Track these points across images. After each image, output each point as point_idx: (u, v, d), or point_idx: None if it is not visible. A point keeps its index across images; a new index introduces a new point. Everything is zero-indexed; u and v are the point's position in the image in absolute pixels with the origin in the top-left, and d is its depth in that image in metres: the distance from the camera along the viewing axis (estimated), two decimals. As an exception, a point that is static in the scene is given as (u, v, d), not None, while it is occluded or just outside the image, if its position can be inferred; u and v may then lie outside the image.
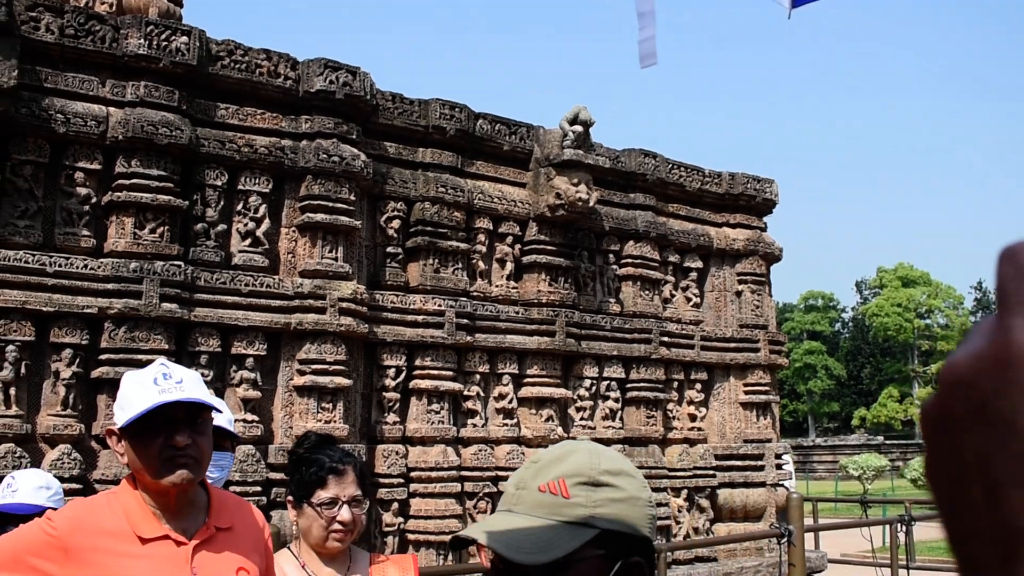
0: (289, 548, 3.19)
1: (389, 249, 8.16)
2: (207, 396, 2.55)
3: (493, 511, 8.26)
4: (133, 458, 2.51)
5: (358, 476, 3.20)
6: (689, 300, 10.25)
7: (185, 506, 2.59)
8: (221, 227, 7.25)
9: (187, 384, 2.50)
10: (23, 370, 6.44)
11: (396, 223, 8.17)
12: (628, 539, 1.57)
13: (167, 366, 2.54)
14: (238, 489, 6.55)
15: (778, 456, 10.50)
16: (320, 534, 3.09)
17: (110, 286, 6.62)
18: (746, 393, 10.27)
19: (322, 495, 3.09)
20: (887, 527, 10.77)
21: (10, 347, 6.37)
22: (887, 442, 54.31)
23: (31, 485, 3.86)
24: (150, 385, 2.47)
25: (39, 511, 3.48)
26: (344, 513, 3.10)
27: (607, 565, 1.55)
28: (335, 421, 7.26)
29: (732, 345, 10.26)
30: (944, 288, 78.12)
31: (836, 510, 22.34)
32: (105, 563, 2.44)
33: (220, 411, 2.60)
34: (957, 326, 76.98)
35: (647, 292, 9.72)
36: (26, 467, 6.27)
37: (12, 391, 6.40)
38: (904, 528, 10.81)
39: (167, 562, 2.49)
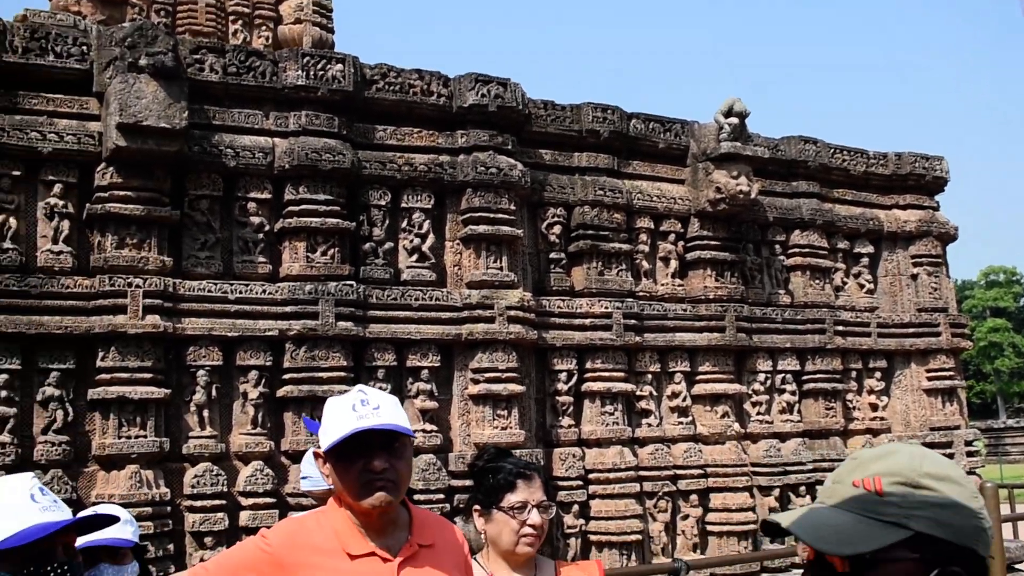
0: (476, 559, 3.24)
1: (552, 255, 8.23)
2: (403, 421, 2.61)
3: (673, 510, 8.25)
4: (336, 480, 2.62)
5: (543, 482, 3.23)
6: (862, 287, 9.96)
7: (388, 524, 2.67)
8: (388, 245, 7.45)
9: (384, 410, 2.57)
10: (214, 393, 6.77)
11: (557, 229, 8.22)
12: (948, 547, 1.52)
13: (365, 392, 2.62)
14: (421, 498, 6.72)
15: (968, 443, 10.09)
16: (511, 539, 3.12)
17: (288, 309, 6.89)
18: (929, 379, 9.91)
19: (512, 499, 3.11)
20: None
21: (201, 372, 6.70)
22: (1085, 422, 51.35)
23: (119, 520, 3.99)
24: (348, 412, 2.56)
25: (129, 545, 3.71)
26: (534, 516, 3.12)
27: (922, 570, 1.51)
28: (511, 427, 7.36)
29: (911, 331, 9.91)
30: None
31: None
32: None
33: (412, 435, 2.65)
34: None
35: (817, 281, 9.50)
36: (223, 485, 6.58)
37: (205, 413, 6.73)
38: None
39: None
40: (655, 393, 8.50)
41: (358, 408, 2.57)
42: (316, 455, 2.67)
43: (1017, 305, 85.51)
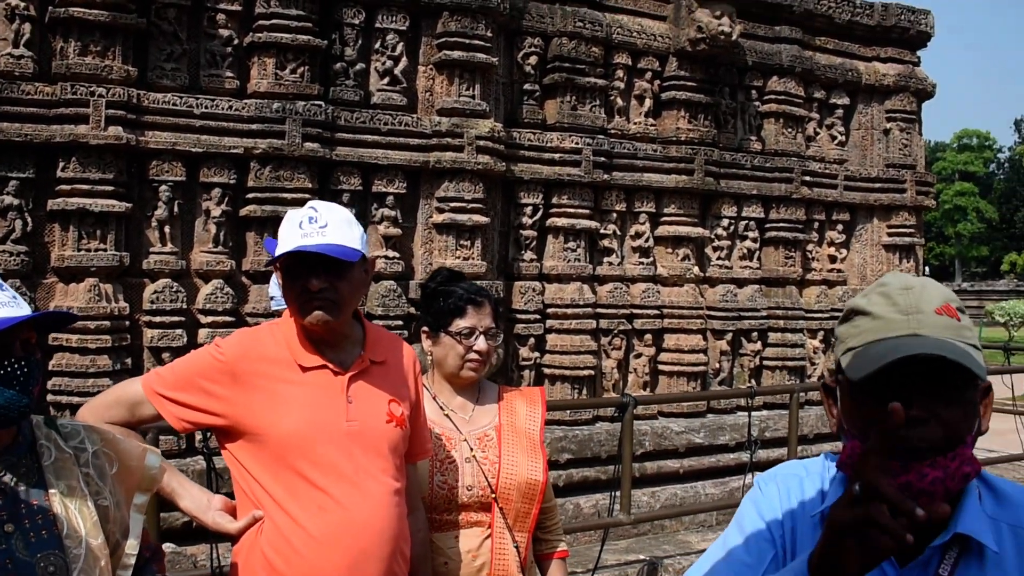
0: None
1: (526, 86, 8.10)
2: (351, 241, 2.60)
3: (627, 348, 8.40)
4: (285, 293, 2.64)
5: (493, 309, 3.26)
6: (834, 138, 9.93)
7: (340, 339, 2.70)
8: (359, 66, 7.29)
9: (331, 229, 2.56)
10: (176, 209, 6.70)
11: (533, 60, 8.07)
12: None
13: (316, 209, 2.61)
14: (380, 323, 6.79)
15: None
16: (456, 363, 3.17)
17: (254, 126, 6.77)
18: (889, 235, 10.00)
19: (460, 324, 3.15)
20: (1034, 373, 10.49)
21: (163, 187, 6.62)
22: (1039, 288, 52.35)
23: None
24: (295, 229, 2.57)
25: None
26: (481, 343, 3.17)
27: (976, 387, 1.59)
28: (473, 258, 7.39)
29: (877, 185, 9.95)
30: (1112, 127, 73.63)
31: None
32: (269, 388, 2.60)
33: (357, 255, 2.63)
34: (1124, 167, 72.84)
35: (790, 130, 9.45)
36: (182, 302, 6.61)
37: (167, 229, 6.68)
38: (1052, 374, 10.52)
39: (325, 390, 2.63)
40: (619, 232, 8.53)
41: (304, 226, 2.57)
42: (273, 264, 2.69)
43: (986, 170, 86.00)
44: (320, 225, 2.57)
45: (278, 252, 2.58)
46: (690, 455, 8.35)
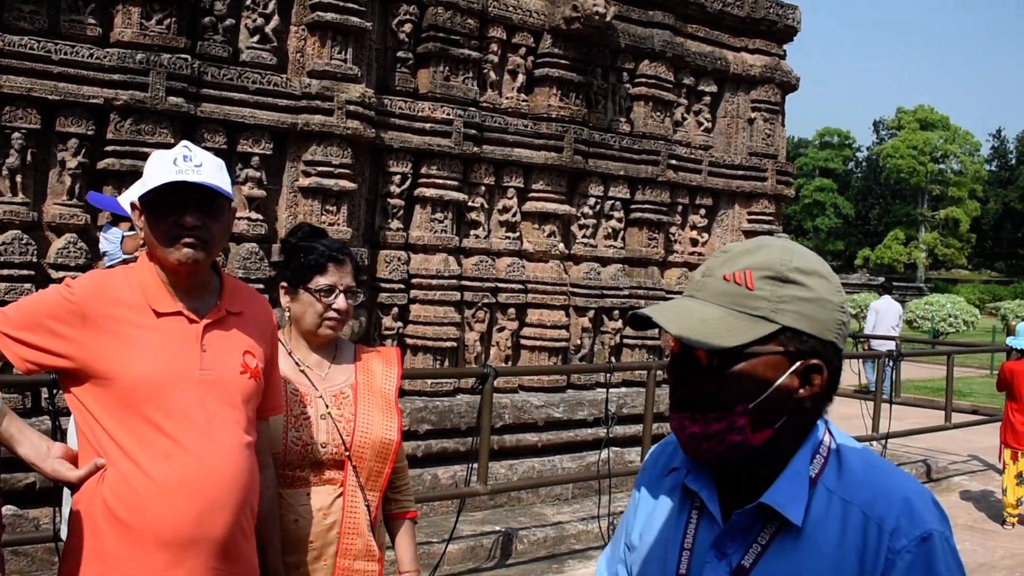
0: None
1: (400, 54, 8.04)
2: (224, 184, 2.58)
3: (490, 322, 8.44)
4: (148, 233, 2.57)
5: (355, 268, 3.24)
6: (700, 125, 10.14)
7: (198, 287, 2.65)
8: (229, 22, 7.11)
9: (206, 169, 2.53)
10: (29, 158, 6.43)
11: (408, 27, 8.01)
12: (812, 341, 1.55)
13: (190, 148, 2.57)
14: (241, 284, 6.65)
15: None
16: (314, 321, 3.13)
17: (116, 77, 6.55)
18: (749, 221, 10.28)
19: (320, 281, 3.11)
20: (875, 362, 10.94)
21: (16, 134, 6.35)
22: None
23: None
24: (169, 164, 2.51)
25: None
26: (340, 301, 3.14)
27: (786, 363, 1.55)
28: (339, 224, 7.30)
29: (740, 173, 10.21)
30: (962, 133, 77.20)
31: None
32: (120, 331, 2.52)
33: (231, 197, 2.62)
34: (971, 173, 76.45)
35: (658, 113, 9.61)
36: (32, 255, 6.36)
37: (18, 179, 6.41)
38: (892, 364, 10.99)
39: (179, 336, 2.57)
40: (487, 206, 8.55)
41: (179, 163, 2.53)
42: (132, 206, 2.62)
43: (845, 168, 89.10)
44: (196, 163, 2.52)
45: (150, 186, 2.50)
46: (549, 429, 8.46)
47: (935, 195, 76.23)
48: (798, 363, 1.54)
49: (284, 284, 3.20)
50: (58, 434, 5.05)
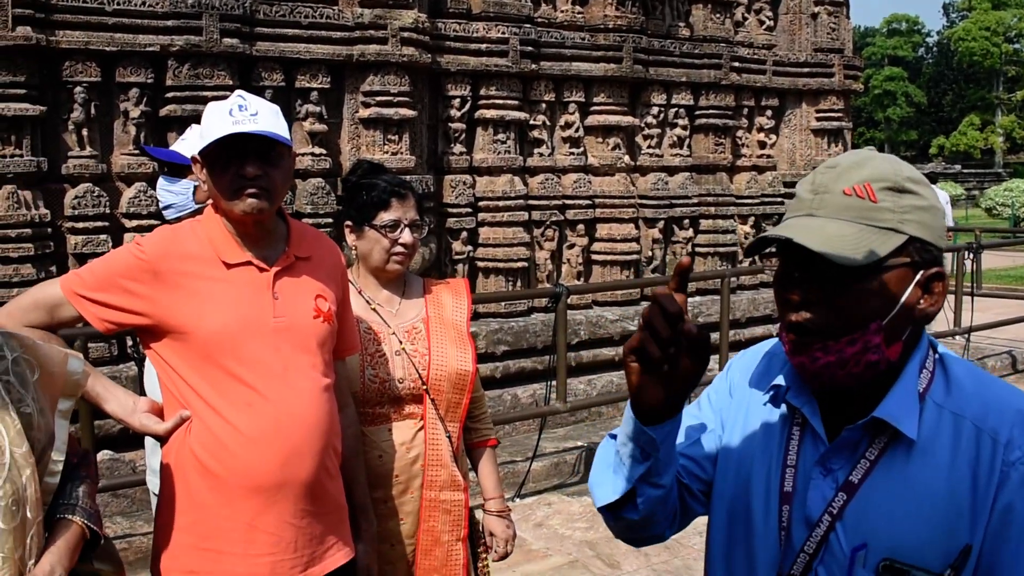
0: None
1: (450, -25, 7.92)
2: (281, 130, 2.56)
3: (560, 239, 8.42)
4: (211, 185, 2.58)
5: (418, 201, 3.23)
6: (762, 23, 9.88)
7: (265, 235, 2.66)
8: (278, -43, 7.07)
9: (262, 117, 2.52)
10: (93, 111, 6.49)
11: (456, -52, 7.89)
12: (931, 248, 1.55)
13: (244, 98, 2.55)
14: (310, 221, 6.71)
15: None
16: (381, 256, 3.14)
17: (170, 23, 6.55)
18: (818, 120, 10.06)
19: (385, 217, 3.11)
20: (956, 254, 10.73)
21: (78, 88, 6.41)
22: (964, 171, 53.36)
23: None
24: (225, 116, 2.50)
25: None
26: (406, 235, 3.13)
27: (911, 274, 1.54)
28: (402, 152, 7.30)
29: (805, 70, 9.96)
30: (1037, 9, 74.37)
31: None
32: (192, 286, 2.55)
33: (289, 144, 2.61)
34: (1048, 50, 73.76)
35: (718, 15, 9.38)
36: (105, 206, 6.46)
37: (84, 132, 6.48)
38: (972, 255, 10.76)
39: (250, 286, 2.59)
40: (548, 123, 8.46)
41: (235, 113, 2.52)
42: (193, 160, 2.63)
43: (915, 55, 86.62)
44: (251, 113, 2.51)
45: (209, 140, 2.51)
46: (625, 341, 8.44)
47: (1011, 76, 73.84)
48: (921, 272, 1.54)
49: (349, 223, 3.20)
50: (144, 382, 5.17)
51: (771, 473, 1.66)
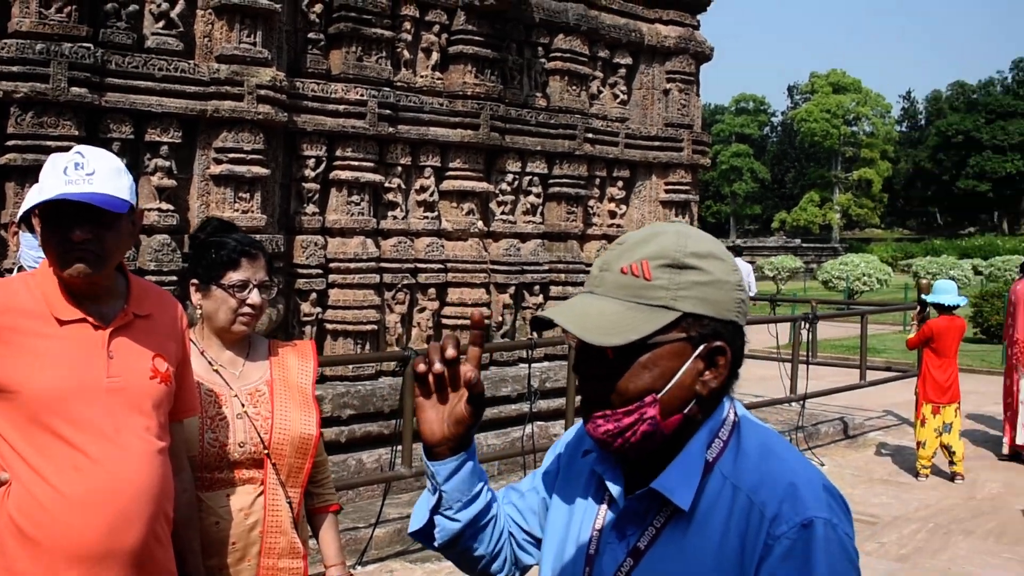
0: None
1: (310, 35, 7.91)
2: (120, 191, 2.48)
3: (411, 303, 8.41)
4: (45, 244, 2.49)
5: (267, 262, 3.19)
6: (616, 97, 10.17)
7: (101, 292, 2.57)
8: (133, 7, 6.93)
9: (98, 177, 2.44)
10: (-71, 156, 6.22)
11: (318, 7, 7.89)
12: (713, 323, 1.56)
13: (83, 155, 2.47)
14: (154, 278, 6.54)
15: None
16: (227, 317, 3.08)
17: (15, 68, 6.34)
18: (667, 192, 10.36)
19: (233, 277, 3.06)
20: (793, 324, 11.15)
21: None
22: (804, 245, 55.69)
23: None
24: (59, 175, 2.43)
25: None
26: (254, 296, 3.09)
27: (689, 349, 1.55)
28: (253, 211, 7.20)
29: (656, 144, 10.27)
30: (873, 96, 78.76)
31: (750, 308, 22.95)
32: (22, 342, 2.44)
33: (125, 207, 2.52)
34: (882, 134, 78.00)
35: (574, 87, 9.61)
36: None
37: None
38: (808, 325, 11.19)
39: (83, 344, 2.50)
40: (403, 186, 8.48)
41: (70, 172, 2.44)
42: (32, 213, 2.54)
43: (761, 133, 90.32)
44: (87, 172, 2.43)
45: (38, 199, 2.43)
46: (474, 408, 8.44)
47: (848, 157, 77.76)
48: (702, 347, 1.56)
49: (195, 281, 3.14)
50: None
51: (581, 536, 1.71)
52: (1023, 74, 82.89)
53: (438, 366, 1.62)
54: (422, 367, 1.63)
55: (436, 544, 1.80)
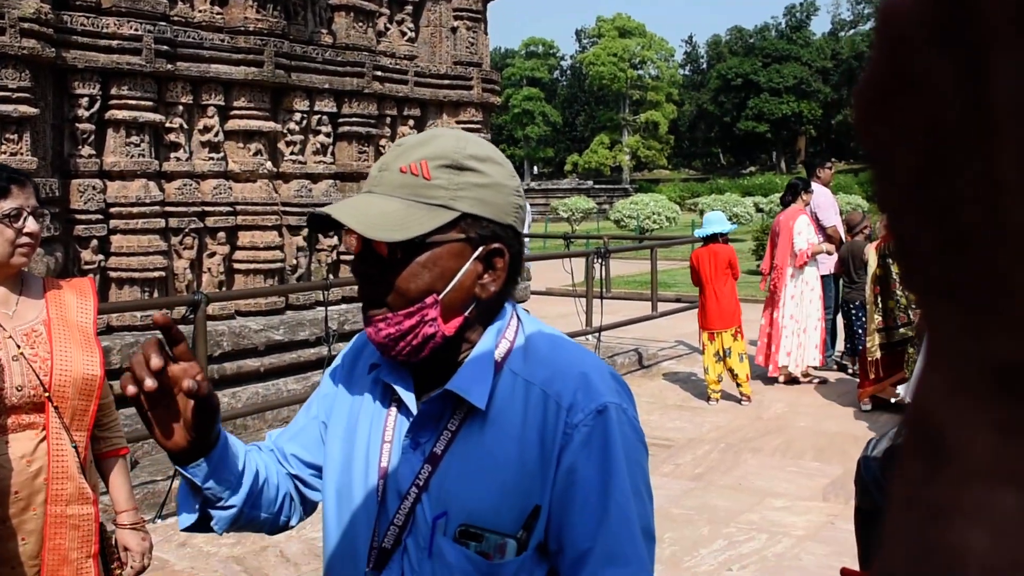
0: None
1: (76, -33, 7.45)
2: None
3: (200, 248, 8.13)
4: None
5: (36, 189, 3.01)
6: (404, 35, 10.05)
7: None
8: None
9: None
10: None
11: (83, -62, 7.43)
12: (492, 225, 1.56)
13: None
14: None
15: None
16: (6, 250, 2.89)
17: None
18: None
19: (5, 206, 2.87)
20: (586, 259, 11.40)
21: None
22: (596, 186, 57.06)
23: None
24: None
25: None
26: (31, 224, 2.91)
27: (468, 250, 1.55)
28: (22, 153, 6.77)
29: (446, 82, 10.23)
30: (657, 40, 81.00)
31: (544, 247, 23.41)
32: None
33: None
34: (667, 77, 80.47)
35: (361, 24, 9.44)
36: None
37: None
38: (600, 261, 11.46)
39: None
40: (186, 126, 8.15)
41: None
42: None
43: (551, 77, 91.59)
44: None
45: None
46: (271, 353, 8.29)
47: (635, 100, 79.92)
48: (480, 248, 1.56)
49: (-37, 216, 2.92)
50: None
51: (370, 450, 1.69)
52: (796, 20, 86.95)
53: (149, 383, 1.45)
54: (131, 389, 1.46)
55: (219, 532, 1.71)
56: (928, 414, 0.36)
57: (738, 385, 9.61)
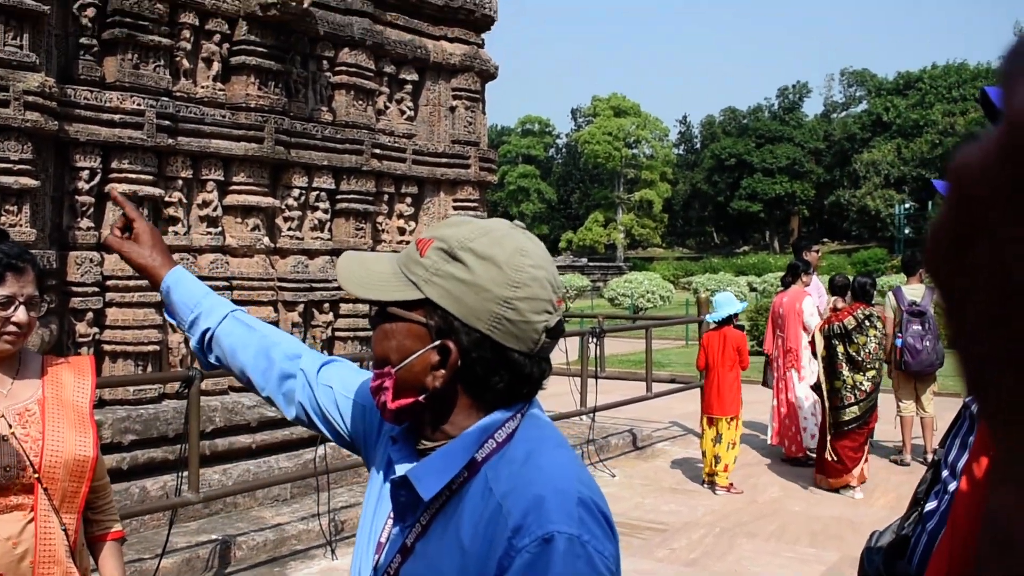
0: None
1: (83, 40, 7.52)
2: None
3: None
4: None
5: (37, 276, 2.98)
6: (403, 113, 10.14)
7: None
8: None
9: None
10: None
11: (91, 11, 7.51)
12: (456, 323, 1.51)
13: None
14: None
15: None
16: (-10, 336, 2.86)
17: None
18: (455, 208, 10.40)
19: (-3, 293, 2.85)
20: (581, 338, 11.37)
21: None
22: (590, 264, 57.26)
23: None
24: None
25: None
26: (20, 314, 2.88)
27: (428, 338, 1.54)
28: (21, 225, 6.77)
29: (443, 160, 10.30)
30: (652, 120, 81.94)
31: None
32: None
33: None
34: (661, 156, 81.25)
35: (360, 102, 9.52)
36: None
37: None
38: (595, 340, 11.43)
39: None
40: (185, 201, 8.17)
41: None
42: None
43: (547, 155, 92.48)
44: None
45: None
46: (263, 429, 8.22)
47: (630, 178, 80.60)
48: (438, 341, 1.53)
49: (-44, 296, 2.89)
50: None
51: (376, 519, 1.70)
52: (788, 101, 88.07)
53: (117, 231, 2.30)
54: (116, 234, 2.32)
55: (197, 353, 2.19)
56: (1004, 524, 0.41)
57: (714, 475, 9.40)
